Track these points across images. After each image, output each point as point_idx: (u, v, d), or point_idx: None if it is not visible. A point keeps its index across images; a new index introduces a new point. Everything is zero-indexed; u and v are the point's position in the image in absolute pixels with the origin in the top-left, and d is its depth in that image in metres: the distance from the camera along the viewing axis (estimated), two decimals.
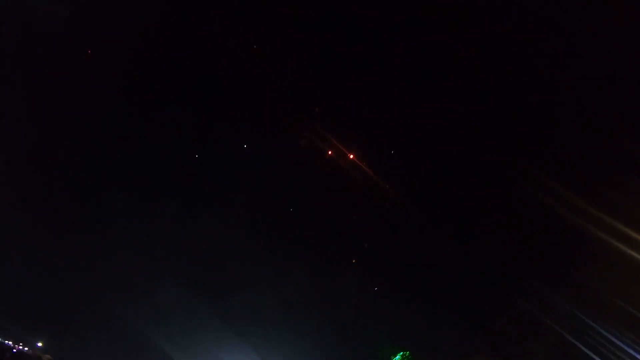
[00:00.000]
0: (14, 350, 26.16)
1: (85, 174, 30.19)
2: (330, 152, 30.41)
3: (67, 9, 26.41)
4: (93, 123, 29.03)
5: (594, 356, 25.33)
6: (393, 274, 31.15)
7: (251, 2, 27.94)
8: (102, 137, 29.51)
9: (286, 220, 31.79)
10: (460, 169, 29.04)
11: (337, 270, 31.99)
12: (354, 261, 31.85)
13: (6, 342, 26.25)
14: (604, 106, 24.34)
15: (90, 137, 29.26)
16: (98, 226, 30.24)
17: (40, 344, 27.42)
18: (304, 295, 30.48)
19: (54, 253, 29.05)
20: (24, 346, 26.52)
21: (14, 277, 27.52)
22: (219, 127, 31.91)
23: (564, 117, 25.07)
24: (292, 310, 30.57)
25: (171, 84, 30.07)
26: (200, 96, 30.42)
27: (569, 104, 25.29)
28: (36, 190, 29.64)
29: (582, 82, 24.26)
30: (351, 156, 30.15)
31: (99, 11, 27.56)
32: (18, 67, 27.48)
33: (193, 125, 31.27)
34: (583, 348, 25.63)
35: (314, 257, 31.55)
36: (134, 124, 30.56)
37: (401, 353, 30.97)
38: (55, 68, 27.93)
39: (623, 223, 22.80)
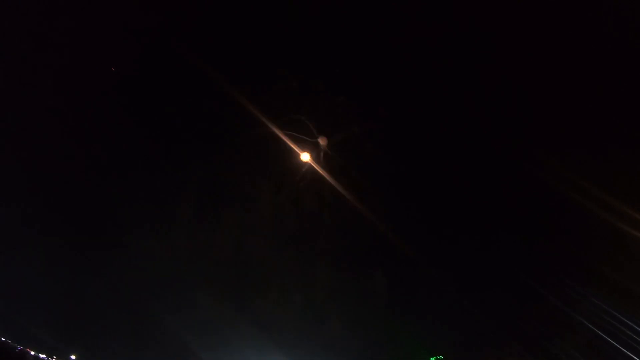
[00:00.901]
0: None
1: (115, 187, 30.41)
2: (351, 152, 30.76)
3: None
4: (123, 131, 29.52)
5: (629, 353, 25.31)
6: (424, 276, 31.19)
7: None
8: (131, 144, 29.92)
9: (313, 223, 31.92)
10: (482, 166, 29.23)
11: (368, 273, 32.02)
12: (381, 262, 31.87)
13: (40, 355, 26.06)
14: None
15: (121, 144, 29.68)
16: (129, 237, 30.25)
17: (73, 357, 27.20)
18: (334, 299, 30.48)
19: (86, 265, 29.04)
20: (57, 359, 26.34)
21: (47, 290, 27.44)
22: (232, 129, 32.29)
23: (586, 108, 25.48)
24: (322, 313, 30.50)
25: (187, 86, 30.46)
26: (218, 95, 30.75)
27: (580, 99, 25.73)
28: (67, 201, 29.82)
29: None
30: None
31: (99, 11, 28.12)
32: (24, 67, 27.89)
33: (211, 128, 31.65)
34: (618, 345, 25.62)
35: (343, 261, 31.61)
36: (155, 128, 30.93)
37: (434, 357, 30.72)
38: (64, 68, 28.38)
39: None
